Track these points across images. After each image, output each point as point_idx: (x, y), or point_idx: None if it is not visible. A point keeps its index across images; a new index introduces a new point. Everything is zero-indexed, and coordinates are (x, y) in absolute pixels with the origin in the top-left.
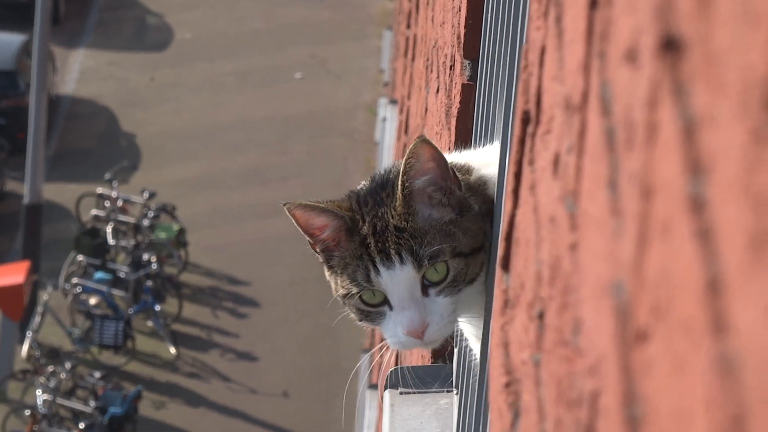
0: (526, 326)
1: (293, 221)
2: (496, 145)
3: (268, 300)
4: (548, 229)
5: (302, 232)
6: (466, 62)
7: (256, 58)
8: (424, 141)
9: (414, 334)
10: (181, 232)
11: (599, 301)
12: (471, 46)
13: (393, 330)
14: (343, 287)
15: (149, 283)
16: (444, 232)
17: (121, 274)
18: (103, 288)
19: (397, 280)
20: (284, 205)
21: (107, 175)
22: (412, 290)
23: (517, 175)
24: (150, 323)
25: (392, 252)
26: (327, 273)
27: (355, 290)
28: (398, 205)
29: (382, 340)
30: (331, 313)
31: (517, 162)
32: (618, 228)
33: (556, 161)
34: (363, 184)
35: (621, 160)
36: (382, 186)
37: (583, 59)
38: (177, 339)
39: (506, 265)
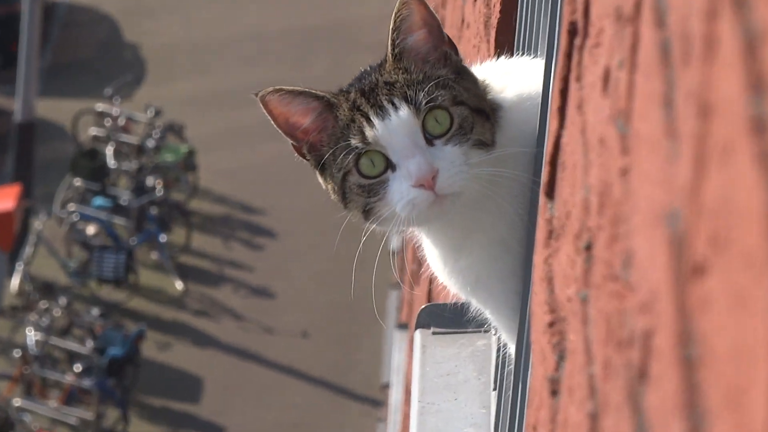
0: (572, 259)
1: (270, 118)
2: (518, 60)
3: (286, 230)
4: (597, 152)
5: (283, 133)
6: None
7: None
8: None
9: (424, 182)
10: (190, 153)
11: (652, 231)
12: None
13: (399, 189)
14: (338, 171)
15: (154, 210)
16: (442, 85)
17: (123, 201)
18: (103, 216)
19: (395, 129)
20: (256, 95)
21: (108, 90)
22: (413, 138)
23: (563, 93)
24: (154, 255)
25: (384, 102)
26: (320, 178)
27: (351, 163)
28: (389, 65)
29: (415, 266)
30: (356, 243)
31: (563, 78)
32: (673, 151)
33: (606, 77)
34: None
35: (677, 77)
36: (363, 74)
37: None
38: (184, 273)
39: (551, 192)
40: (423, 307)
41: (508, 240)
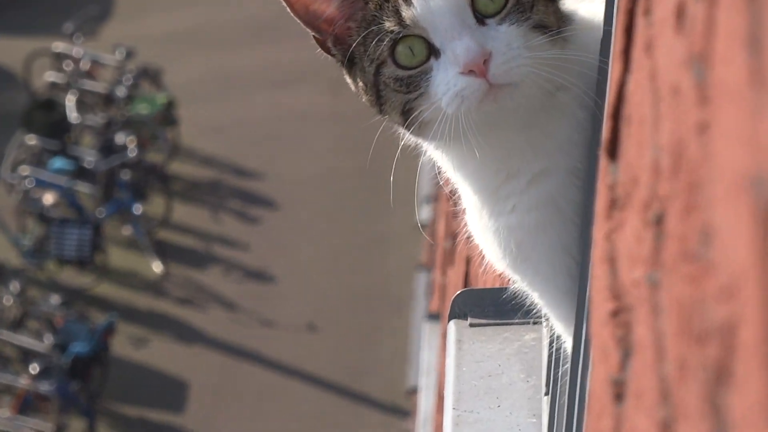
0: (639, 234)
1: (285, 4)
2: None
3: (288, 199)
4: (670, 104)
5: (302, 23)
6: None
7: None
8: None
9: (474, 67)
10: (170, 105)
11: (736, 199)
12: None
13: (445, 79)
14: (370, 64)
15: (126, 175)
16: None
17: (88, 163)
18: (63, 181)
19: (438, 5)
20: None
21: (68, 27)
22: (461, 16)
23: (629, 30)
24: (127, 230)
25: None
26: (348, 77)
27: (385, 51)
28: None
29: (452, 236)
30: (373, 217)
31: (628, 11)
32: (761, 102)
33: (680, 12)
34: None
35: (765, 12)
36: None
37: None
38: (164, 251)
39: (613, 152)
40: (458, 293)
41: (574, 177)
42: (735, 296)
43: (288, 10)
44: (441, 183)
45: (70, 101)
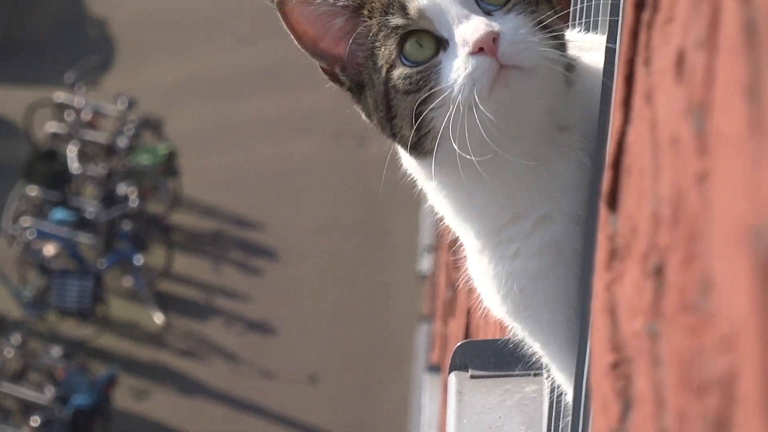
0: (639, 285)
1: (289, 32)
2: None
3: (289, 250)
4: (669, 154)
5: (308, 52)
6: None
7: None
8: None
9: (484, 44)
10: (171, 155)
11: (736, 250)
12: None
13: (455, 64)
14: (378, 75)
15: (127, 225)
16: None
17: (89, 214)
18: (64, 232)
19: None
20: (271, 1)
21: (70, 77)
22: (466, 3)
23: (629, 80)
24: (128, 281)
25: None
26: (358, 107)
27: (394, 51)
28: None
29: (449, 289)
30: (376, 266)
31: (628, 61)
32: (761, 151)
33: (680, 61)
34: None
35: (765, 62)
36: None
37: None
38: (165, 303)
39: (613, 203)
40: (459, 344)
41: (577, 224)
42: (734, 347)
43: (295, 41)
44: (442, 232)
45: (71, 152)
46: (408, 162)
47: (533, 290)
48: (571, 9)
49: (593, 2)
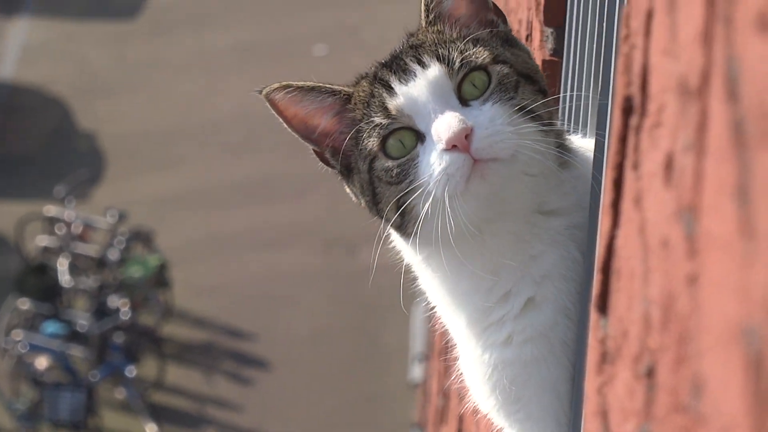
0: (631, 387)
1: (281, 120)
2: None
3: (281, 359)
4: (659, 256)
5: (300, 137)
6: (548, 31)
7: (261, 27)
8: None
9: (457, 141)
10: (162, 267)
11: (726, 351)
12: (554, 10)
13: (431, 159)
14: (364, 162)
15: (119, 337)
16: (481, 41)
17: (81, 326)
18: (56, 345)
19: (421, 91)
20: (261, 92)
21: (60, 191)
22: (444, 97)
23: (618, 184)
24: (120, 393)
25: (410, 63)
26: (348, 188)
27: (375, 145)
28: (421, 30)
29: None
30: (366, 381)
31: (617, 166)
32: (750, 253)
33: (668, 164)
34: None
35: (753, 162)
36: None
37: (703, 26)
38: (158, 414)
39: (603, 306)
40: None
41: (566, 317)
42: None
43: (286, 127)
44: (434, 339)
45: (62, 265)
46: (397, 240)
47: (524, 380)
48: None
49: (580, 109)
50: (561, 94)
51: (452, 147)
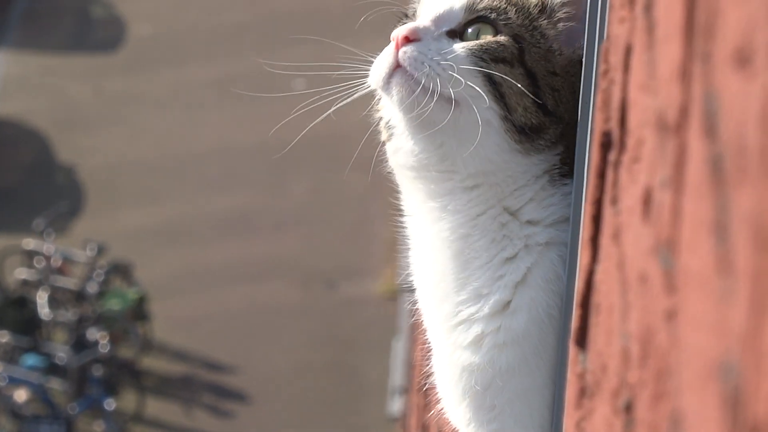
0: (609, 422)
1: None
2: None
3: (262, 393)
4: (637, 292)
5: None
6: None
7: (240, 61)
8: None
9: (395, 37)
10: (141, 300)
11: (704, 386)
12: None
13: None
14: None
15: (98, 370)
16: (516, 13)
17: (60, 359)
18: (35, 378)
19: (442, 2)
20: None
21: (39, 224)
22: (446, 19)
23: (596, 219)
24: (99, 426)
25: None
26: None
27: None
28: None
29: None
30: (347, 407)
31: (595, 201)
32: (727, 289)
33: (646, 200)
34: None
35: (731, 198)
36: None
37: (681, 62)
38: None
39: (582, 341)
40: None
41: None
42: None
43: None
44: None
45: (41, 298)
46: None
47: (501, 386)
48: None
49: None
50: None
51: (392, 40)
